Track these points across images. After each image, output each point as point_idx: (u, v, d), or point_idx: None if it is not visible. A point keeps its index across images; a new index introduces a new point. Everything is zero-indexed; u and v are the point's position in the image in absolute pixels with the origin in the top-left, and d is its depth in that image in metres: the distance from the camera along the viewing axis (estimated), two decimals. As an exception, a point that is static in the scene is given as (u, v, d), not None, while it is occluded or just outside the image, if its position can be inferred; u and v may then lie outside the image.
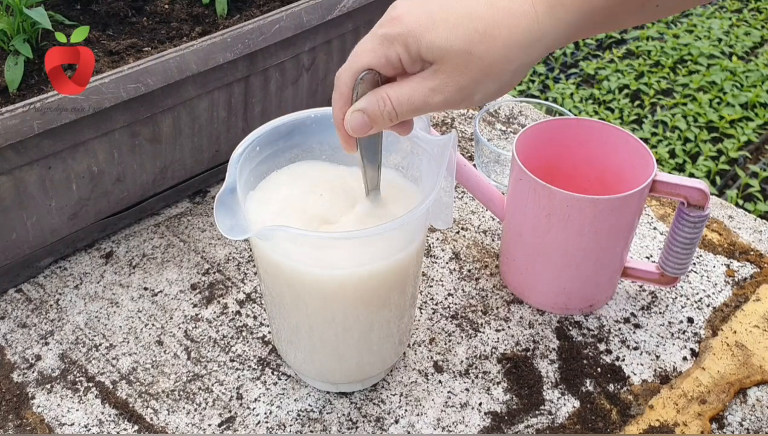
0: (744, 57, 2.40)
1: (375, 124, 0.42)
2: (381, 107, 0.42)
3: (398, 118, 0.42)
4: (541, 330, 0.61)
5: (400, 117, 0.42)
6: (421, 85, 0.41)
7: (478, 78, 0.40)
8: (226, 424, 0.53)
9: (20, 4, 0.59)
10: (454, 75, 0.40)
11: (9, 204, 0.57)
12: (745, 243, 0.69)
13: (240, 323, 0.61)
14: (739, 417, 0.55)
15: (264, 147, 0.51)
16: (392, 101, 0.41)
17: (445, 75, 0.40)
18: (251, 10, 0.71)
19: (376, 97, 0.42)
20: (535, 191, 0.56)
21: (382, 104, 0.41)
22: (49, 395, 0.55)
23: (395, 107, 0.41)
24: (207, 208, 0.73)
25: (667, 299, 0.64)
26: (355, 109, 0.42)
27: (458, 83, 0.40)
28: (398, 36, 0.40)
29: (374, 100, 0.42)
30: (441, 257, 0.68)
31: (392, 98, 0.41)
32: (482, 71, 0.40)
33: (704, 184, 0.55)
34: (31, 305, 0.62)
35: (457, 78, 0.40)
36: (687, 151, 1.96)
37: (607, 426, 0.54)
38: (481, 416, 0.54)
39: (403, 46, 0.40)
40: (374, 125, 0.42)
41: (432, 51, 0.40)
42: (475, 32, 0.39)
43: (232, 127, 0.69)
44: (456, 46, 0.39)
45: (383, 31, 0.41)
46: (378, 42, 0.41)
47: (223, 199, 0.44)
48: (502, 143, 0.81)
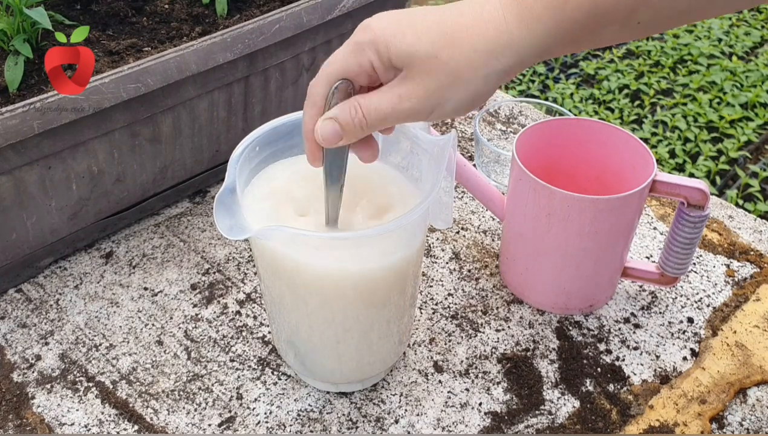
0: (744, 57, 2.40)
1: (345, 133, 0.42)
2: (352, 115, 0.41)
3: (368, 127, 0.42)
4: (541, 330, 0.61)
5: (369, 125, 0.42)
6: (390, 93, 0.41)
7: (445, 83, 0.40)
8: (226, 424, 0.54)
9: (20, 4, 0.59)
10: (422, 80, 0.40)
11: (9, 204, 0.57)
12: (745, 243, 0.69)
13: (240, 323, 0.61)
14: (739, 417, 0.55)
15: (264, 147, 0.51)
16: (362, 109, 0.41)
17: (413, 81, 0.40)
18: (251, 10, 0.71)
19: (348, 105, 0.42)
20: (535, 191, 0.56)
21: (353, 112, 0.41)
22: (49, 395, 0.55)
23: (365, 115, 0.41)
24: (207, 208, 0.73)
25: (667, 299, 0.64)
26: (327, 117, 0.42)
27: (426, 88, 0.40)
28: (369, 43, 0.40)
29: (346, 108, 0.42)
30: (441, 257, 0.68)
31: (362, 106, 0.41)
32: (449, 76, 0.40)
33: (704, 184, 0.55)
34: (31, 305, 0.62)
35: (425, 83, 0.40)
36: (687, 151, 1.96)
37: (607, 426, 0.54)
38: (481, 416, 0.54)
39: (374, 52, 0.40)
40: (345, 135, 0.42)
41: (400, 56, 0.40)
42: (443, 36, 0.39)
43: (232, 127, 0.69)
44: (423, 50, 0.39)
45: (355, 39, 0.41)
46: (350, 50, 0.41)
47: (222, 199, 0.44)
48: (502, 143, 0.81)
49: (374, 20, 0.41)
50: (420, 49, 0.39)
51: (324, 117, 0.42)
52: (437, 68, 0.40)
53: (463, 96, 0.41)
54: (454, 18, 0.40)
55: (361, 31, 0.41)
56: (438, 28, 0.40)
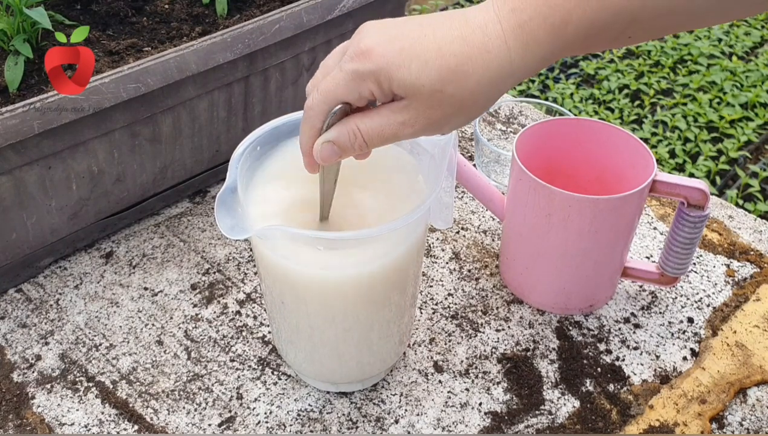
0: (744, 57, 2.40)
1: (345, 153, 0.42)
2: (352, 140, 0.41)
3: (369, 148, 0.42)
4: (541, 330, 0.61)
5: (370, 148, 0.42)
6: (391, 120, 0.40)
7: (449, 113, 0.40)
8: (226, 424, 0.54)
9: (20, 4, 0.59)
10: (426, 111, 0.40)
11: (9, 204, 0.57)
12: (745, 243, 0.69)
13: (240, 323, 0.61)
14: (739, 417, 0.55)
15: (264, 147, 0.51)
16: (363, 134, 0.41)
17: (417, 111, 0.40)
18: (251, 10, 0.71)
19: (347, 129, 0.41)
20: (535, 191, 0.56)
21: (353, 137, 0.41)
22: (49, 395, 0.55)
23: (366, 140, 0.41)
24: (207, 208, 0.73)
25: (667, 299, 0.64)
26: (326, 140, 0.42)
27: (429, 118, 0.40)
28: (370, 73, 0.39)
29: (345, 132, 0.41)
30: (441, 257, 0.68)
31: (363, 131, 0.41)
32: (453, 107, 0.40)
33: (704, 184, 0.55)
34: (31, 305, 0.62)
35: (429, 113, 0.40)
36: (687, 151, 1.96)
37: (607, 426, 0.54)
38: (481, 416, 0.54)
39: (375, 83, 0.40)
40: (344, 155, 0.42)
41: (404, 88, 0.39)
42: (448, 70, 0.39)
43: (232, 127, 0.69)
44: (428, 84, 0.39)
45: (354, 67, 0.40)
46: (350, 78, 0.40)
47: (223, 199, 0.44)
48: (502, 143, 0.81)
49: (373, 42, 0.40)
50: (425, 84, 0.39)
51: (323, 139, 0.42)
52: (442, 101, 0.39)
53: (462, 121, 0.41)
54: (457, 47, 0.39)
55: (361, 57, 0.40)
56: (442, 61, 0.39)
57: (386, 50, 0.39)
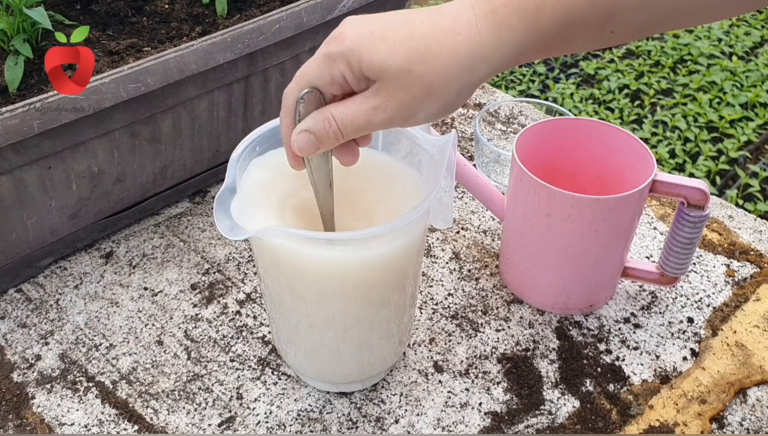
0: (744, 57, 2.40)
1: (322, 143, 0.42)
2: (326, 127, 0.42)
3: (344, 138, 0.42)
4: (541, 330, 0.61)
5: (345, 136, 0.42)
6: (363, 105, 0.41)
7: (419, 96, 0.40)
8: (226, 424, 0.54)
9: (20, 4, 0.59)
10: (396, 93, 0.40)
11: (9, 204, 0.57)
12: (745, 243, 0.69)
13: (240, 323, 0.61)
14: (739, 417, 0.55)
15: (264, 147, 0.51)
16: (337, 121, 0.41)
17: (387, 93, 0.40)
18: (251, 10, 0.71)
19: (322, 116, 0.42)
20: (535, 191, 0.56)
21: (327, 124, 0.41)
22: (49, 395, 0.55)
23: (340, 127, 0.41)
24: (207, 208, 0.73)
25: (667, 299, 0.64)
26: (301, 129, 0.42)
27: (400, 102, 0.40)
28: (340, 55, 0.40)
29: (320, 119, 0.42)
30: (441, 257, 0.68)
31: (336, 118, 0.41)
32: (423, 90, 0.40)
33: (704, 184, 0.55)
34: (31, 305, 0.62)
35: (399, 96, 0.40)
36: (687, 151, 1.96)
37: (607, 426, 0.54)
38: (481, 416, 0.54)
39: (345, 64, 0.40)
40: (321, 145, 0.42)
41: (373, 69, 0.39)
42: (416, 51, 0.39)
43: (232, 127, 0.69)
44: (395, 64, 0.39)
45: (327, 49, 0.41)
46: (322, 61, 0.41)
47: (223, 199, 0.44)
48: (502, 143, 0.81)
49: (347, 28, 0.41)
50: (393, 64, 0.39)
51: (298, 129, 0.42)
52: (411, 82, 0.39)
53: (436, 108, 0.41)
54: (427, 30, 0.39)
55: (333, 41, 0.41)
56: (411, 42, 0.39)
57: (357, 34, 0.40)
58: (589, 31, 0.40)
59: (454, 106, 0.41)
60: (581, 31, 0.40)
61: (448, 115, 0.42)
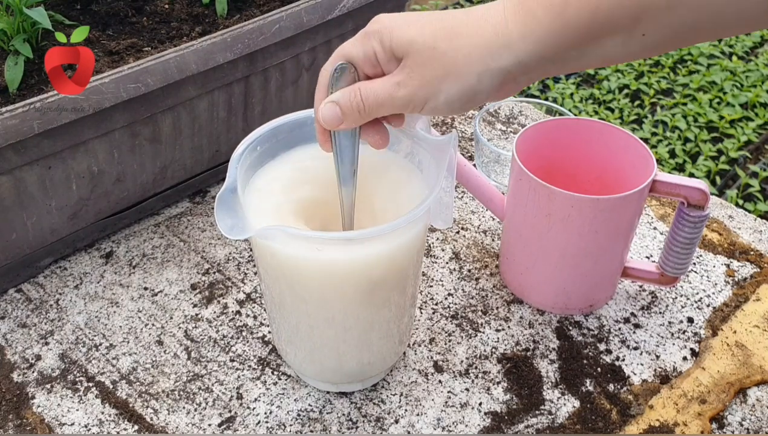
0: (744, 57, 2.40)
1: (345, 116, 0.44)
2: (351, 99, 0.44)
3: (366, 111, 0.44)
4: (541, 330, 0.61)
5: (367, 110, 0.44)
6: (389, 80, 0.43)
7: (440, 74, 0.42)
8: (226, 424, 0.54)
9: (20, 4, 0.59)
10: (419, 69, 0.42)
11: (9, 204, 0.57)
12: (745, 243, 0.69)
13: (240, 323, 0.61)
14: (739, 417, 0.55)
15: (264, 147, 0.51)
16: (362, 94, 0.44)
17: (411, 69, 0.42)
18: (251, 10, 0.71)
19: (350, 90, 0.44)
20: (535, 191, 0.56)
21: (352, 96, 0.44)
22: (49, 395, 0.55)
23: (363, 99, 0.44)
24: (207, 208, 0.73)
25: (667, 299, 0.64)
26: (329, 100, 0.45)
27: (422, 77, 0.42)
28: (375, 32, 0.43)
29: (347, 92, 0.44)
30: (441, 257, 0.68)
31: (362, 90, 0.44)
32: (445, 67, 0.41)
33: (704, 184, 0.55)
34: (31, 305, 0.62)
35: (421, 71, 0.42)
36: (687, 151, 1.96)
37: (607, 426, 0.54)
38: (481, 416, 0.54)
39: (378, 41, 0.43)
40: (345, 118, 0.44)
41: (401, 45, 0.42)
42: (442, 29, 0.42)
43: (232, 127, 0.69)
44: (421, 40, 0.42)
45: (365, 29, 0.45)
46: (359, 38, 0.44)
47: (223, 199, 0.44)
48: (502, 143, 0.81)
49: (386, 15, 0.44)
50: (419, 40, 0.42)
51: (326, 100, 0.45)
52: (434, 58, 0.41)
53: (457, 90, 0.42)
54: (458, 17, 0.42)
55: (372, 23, 0.44)
56: (440, 23, 0.42)
57: (394, 18, 0.44)
58: (619, 33, 0.39)
59: (476, 93, 0.42)
60: (611, 30, 0.39)
61: (471, 106, 0.43)
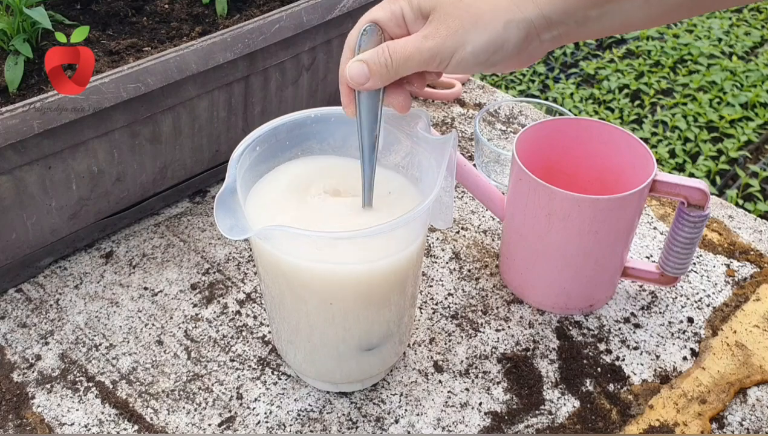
0: (744, 57, 2.40)
1: (372, 74, 0.45)
2: (379, 55, 0.45)
3: (393, 67, 0.45)
4: (541, 330, 0.61)
5: (395, 65, 0.45)
6: (416, 36, 0.44)
7: (467, 25, 0.43)
8: (226, 424, 0.54)
9: (20, 4, 0.59)
10: (445, 20, 0.43)
11: (9, 204, 0.57)
12: (745, 243, 0.69)
13: (240, 323, 0.61)
14: (739, 417, 0.55)
15: (264, 147, 0.51)
16: (389, 49, 0.45)
17: (437, 22, 0.44)
18: (251, 10, 0.71)
19: (379, 48, 0.45)
20: (535, 191, 0.56)
21: (380, 52, 0.45)
22: (49, 395, 0.55)
23: (391, 54, 0.44)
24: (207, 208, 0.73)
25: (667, 299, 0.64)
26: (356, 59, 0.45)
27: (449, 28, 0.43)
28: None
29: (375, 50, 0.45)
30: (441, 257, 0.68)
31: (390, 47, 0.45)
32: (471, 18, 0.43)
33: (704, 184, 0.55)
34: (31, 304, 0.62)
35: (448, 23, 0.43)
36: (687, 151, 1.96)
37: (607, 426, 0.54)
38: (481, 416, 0.54)
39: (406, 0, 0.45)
40: (372, 76, 0.45)
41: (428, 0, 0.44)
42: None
43: (232, 127, 0.69)
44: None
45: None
46: (385, 1, 0.46)
47: (223, 199, 0.44)
48: (502, 143, 0.81)
49: None
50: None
51: (354, 59, 0.45)
52: (460, 10, 0.43)
53: (484, 40, 0.43)
54: None
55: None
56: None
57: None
58: None
59: (501, 41, 0.43)
60: None
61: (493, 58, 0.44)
